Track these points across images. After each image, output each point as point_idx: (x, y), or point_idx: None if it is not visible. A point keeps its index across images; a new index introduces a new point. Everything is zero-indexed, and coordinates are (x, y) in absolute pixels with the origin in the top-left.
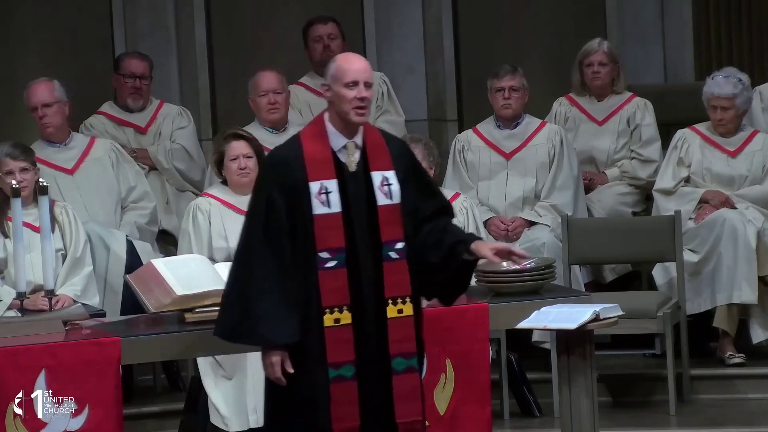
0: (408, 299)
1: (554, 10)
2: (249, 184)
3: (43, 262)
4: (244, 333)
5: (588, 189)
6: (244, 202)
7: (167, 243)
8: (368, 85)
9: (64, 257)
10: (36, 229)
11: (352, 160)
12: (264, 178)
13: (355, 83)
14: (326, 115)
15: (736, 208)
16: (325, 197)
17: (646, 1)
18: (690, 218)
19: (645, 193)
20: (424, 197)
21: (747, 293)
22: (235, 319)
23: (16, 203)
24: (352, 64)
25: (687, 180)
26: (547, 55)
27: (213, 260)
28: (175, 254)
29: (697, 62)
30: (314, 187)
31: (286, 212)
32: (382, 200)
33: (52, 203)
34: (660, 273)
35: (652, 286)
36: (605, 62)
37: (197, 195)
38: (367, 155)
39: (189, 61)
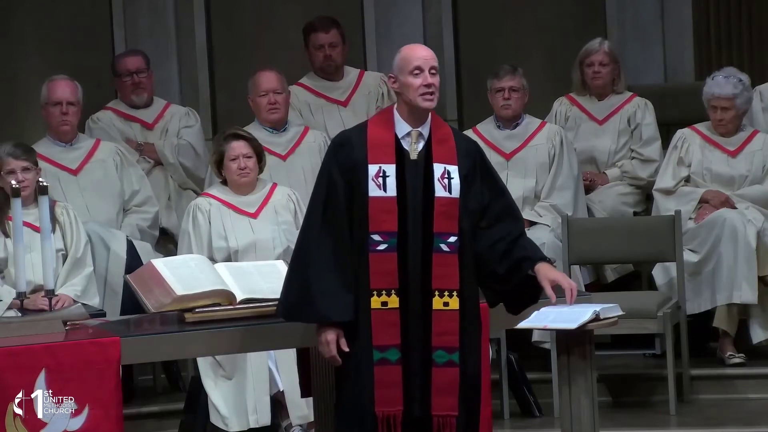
0: (455, 293)
1: (554, 10)
2: (249, 184)
3: (43, 262)
4: (301, 311)
5: (589, 189)
6: (243, 201)
7: (167, 243)
8: (434, 71)
9: (65, 257)
10: (36, 229)
11: (414, 148)
12: (327, 157)
13: (420, 69)
14: (395, 106)
15: (736, 208)
16: (382, 180)
17: (646, 1)
18: (690, 218)
19: (645, 193)
20: (493, 197)
21: (747, 293)
22: (294, 298)
23: (17, 203)
24: (415, 52)
25: (687, 180)
26: (547, 55)
27: (213, 260)
28: (175, 254)
29: (697, 62)
30: (372, 169)
31: (345, 192)
32: (440, 192)
33: (53, 203)
34: (660, 273)
35: (652, 286)
36: (606, 62)
37: (198, 194)
38: (431, 146)
39: (189, 61)
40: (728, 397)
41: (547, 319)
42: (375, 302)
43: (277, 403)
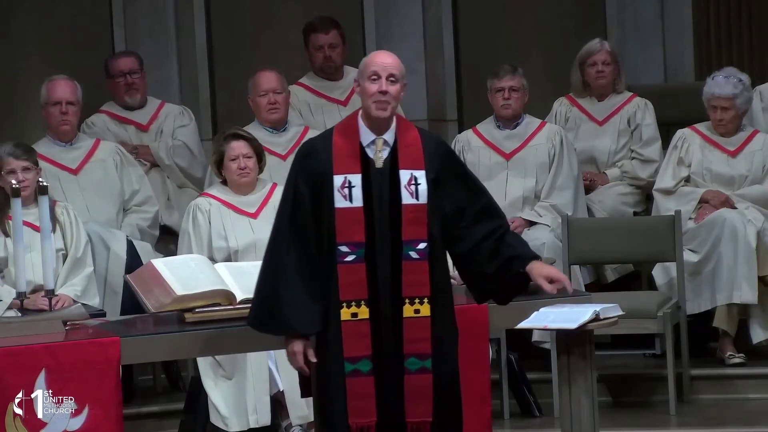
0: (426, 300)
1: (554, 10)
2: (249, 184)
3: (43, 262)
4: (269, 323)
5: (589, 189)
6: (243, 202)
7: (167, 242)
8: (393, 78)
9: (65, 257)
10: (37, 229)
11: (379, 156)
12: (294, 167)
13: (377, 76)
14: (360, 112)
15: (736, 208)
16: (348, 191)
17: (646, 1)
18: (690, 218)
19: (645, 193)
20: (471, 196)
21: (747, 293)
22: (262, 310)
23: (16, 203)
24: (377, 58)
25: (687, 180)
26: (547, 55)
27: (213, 260)
28: (175, 254)
29: (697, 62)
30: (338, 180)
31: (312, 202)
32: (407, 199)
33: (53, 203)
34: (660, 273)
35: (652, 286)
36: (608, 61)
37: (198, 192)
38: (397, 152)
39: (189, 61)
40: (728, 397)
41: (547, 319)
42: (345, 314)
43: (277, 403)
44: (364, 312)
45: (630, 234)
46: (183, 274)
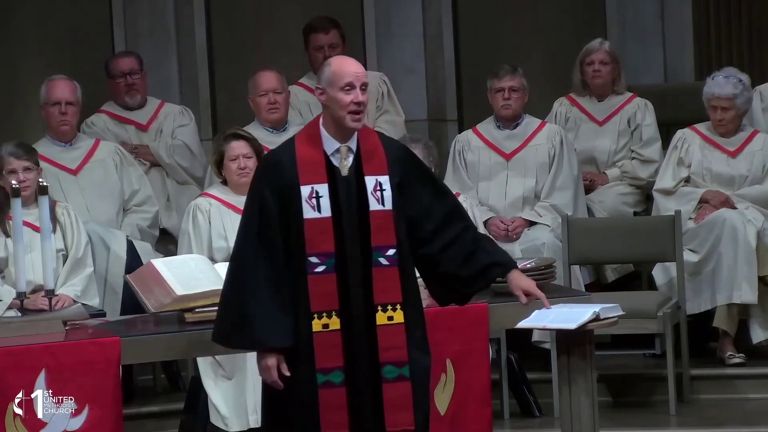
0: (399, 306)
1: (554, 10)
2: (249, 184)
3: (43, 262)
4: (238, 337)
5: (589, 190)
6: (243, 202)
7: (167, 242)
8: (364, 88)
9: (65, 258)
10: (37, 229)
11: (344, 164)
12: (257, 180)
13: (352, 87)
14: (321, 119)
15: (736, 208)
16: (316, 201)
17: (646, 1)
18: (690, 218)
19: (645, 193)
20: (434, 199)
21: (747, 293)
22: (230, 324)
23: (16, 203)
24: (348, 68)
25: (687, 180)
26: (547, 55)
27: (213, 260)
28: (175, 254)
29: (697, 62)
30: (305, 190)
31: (279, 214)
32: (374, 205)
33: (53, 203)
34: (660, 273)
35: (652, 286)
36: (606, 61)
37: (199, 190)
38: (361, 159)
39: (189, 61)
40: (728, 397)
41: (547, 319)
42: (316, 325)
43: None
44: (335, 323)
45: (630, 234)
46: (183, 274)
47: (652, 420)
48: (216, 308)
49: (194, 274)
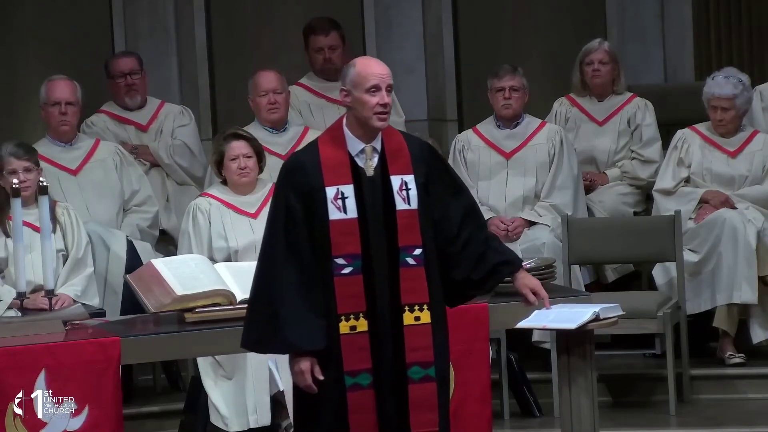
0: (426, 306)
1: (554, 10)
2: (249, 184)
3: (43, 262)
4: (271, 342)
5: (589, 190)
6: (244, 201)
7: (167, 243)
8: (389, 89)
9: (65, 258)
10: (37, 229)
11: (369, 164)
12: (281, 183)
13: (378, 88)
14: (344, 120)
15: (736, 208)
16: (341, 202)
17: (646, 1)
18: (690, 218)
19: (645, 193)
20: (455, 199)
21: (747, 293)
22: (261, 330)
23: (16, 203)
24: (373, 69)
25: (687, 180)
26: (547, 55)
27: (213, 260)
28: (175, 254)
29: (697, 62)
30: (330, 192)
31: (304, 217)
32: (400, 205)
33: (53, 204)
34: (660, 273)
35: (652, 286)
36: (606, 60)
37: (199, 191)
38: (386, 159)
39: (189, 61)
40: (728, 397)
41: (547, 319)
42: (344, 327)
43: (277, 403)
44: (362, 324)
45: (630, 234)
46: (183, 274)
47: (652, 420)
48: (216, 308)
49: (194, 274)
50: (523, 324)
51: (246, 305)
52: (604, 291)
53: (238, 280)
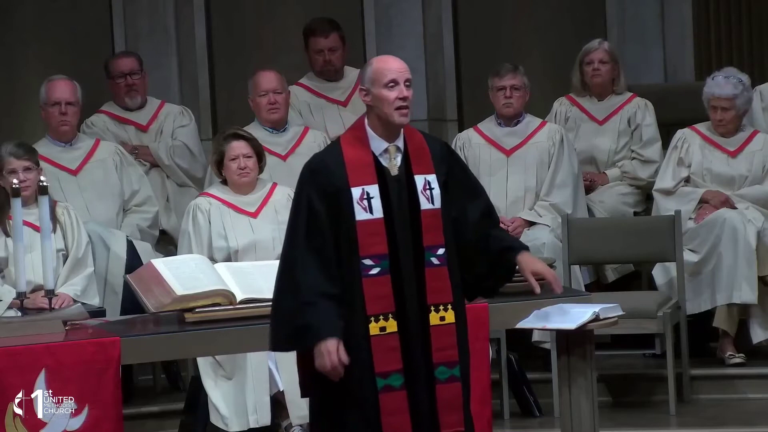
0: (450, 306)
1: (554, 10)
2: (249, 184)
3: (43, 262)
4: (295, 340)
5: (589, 190)
6: (244, 201)
7: (167, 243)
8: (408, 83)
9: (65, 257)
10: (37, 229)
11: (393, 164)
12: (304, 184)
13: (396, 83)
14: (366, 120)
15: (736, 208)
16: (367, 203)
17: (646, 1)
18: (690, 218)
19: (645, 193)
20: (473, 199)
21: (747, 293)
22: (286, 330)
23: (16, 203)
24: (390, 65)
25: (687, 180)
26: (547, 55)
27: (213, 260)
28: (175, 254)
29: (697, 62)
30: (356, 192)
31: (327, 219)
32: (425, 204)
33: (54, 203)
34: (660, 273)
35: (652, 286)
36: (606, 60)
37: (198, 192)
38: (409, 158)
39: (189, 61)
40: (728, 397)
41: (547, 319)
42: (373, 328)
43: (277, 403)
44: (392, 325)
45: (630, 234)
46: (183, 274)
47: (652, 420)
48: (216, 308)
49: (194, 274)
50: (523, 324)
51: (246, 305)
52: (604, 291)
53: (238, 280)
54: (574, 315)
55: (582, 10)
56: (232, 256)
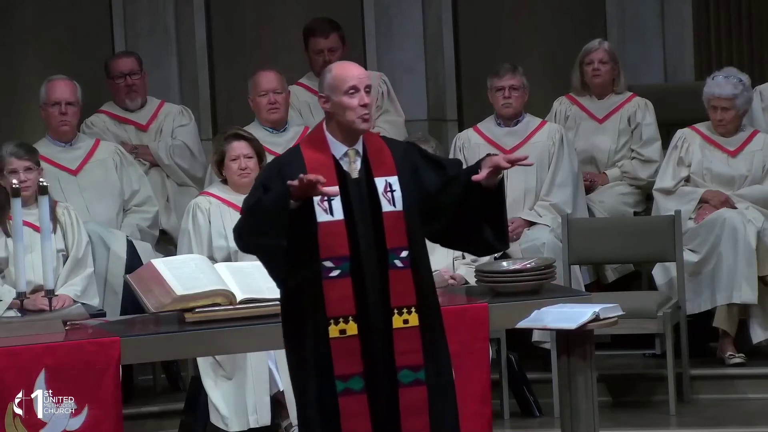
0: (413, 309)
1: (554, 10)
2: (249, 184)
3: (43, 262)
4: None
5: (589, 190)
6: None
7: (167, 243)
8: (368, 90)
9: (65, 258)
10: (37, 229)
11: (353, 167)
12: (267, 173)
13: (356, 89)
14: (324, 125)
15: (736, 208)
16: (328, 204)
17: (646, 1)
18: (690, 218)
19: (645, 193)
20: (443, 169)
21: (747, 293)
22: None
23: (16, 203)
24: (350, 72)
25: (687, 180)
26: (547, 55)
27: (213, 259)
28: (175, 254)
29: (697, 62)
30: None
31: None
32: (386, 207)
33: (54, 204)
34: (660, 273)
35: (652, 286)
36: (606, 60)
37: (198, 190)
38: (369, 162)
39: (189, 61)
40: (728, 397)
41: (547, 319)
42: (333, 331)
43: (277, 403)
44: (352, 328)
45: (630, 234)
46: (183, 274)
47: (652, 420)
48: (216, 308)
49: (194, 274)
50: (523, 324)
51: (246, 305)
52: (604, 291)
53: (238, 280)
54: (574, 315)
55: (582, 10)
56: (232, 255)
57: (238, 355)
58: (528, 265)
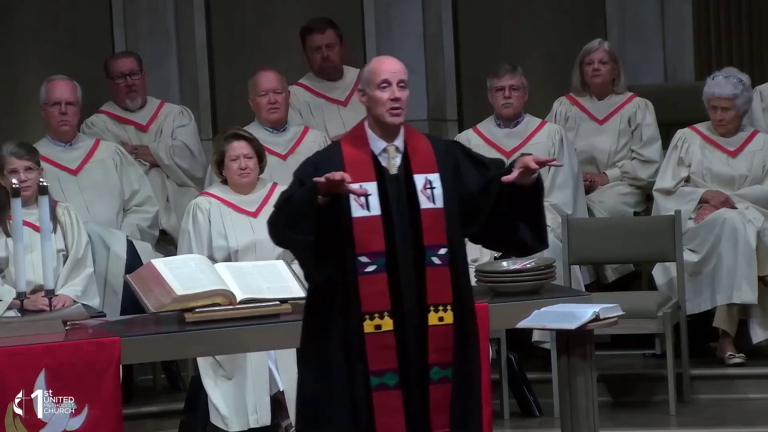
0: (449, 307)
1: (554, 10)
2: (250, 184)
3: (43, 262)
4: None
5: (589, 190)
6: (244, 200)
7: (167, 243)
8: (402, 84)
9: (65, 258)
10: (37, 229)
11: (392, 163)
12: (301, 170)
13: (388, 83)
14: (365, 122)
15: (736, 208)
16: (365, 199)
17: (646, 1)
18: (690, 218)
19: (645, 193)
20: (485, 168)
21: (747, 293)
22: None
23: (16, 203)
24: (383, 65)
25: (687, 180)
26: (547, 55)
27: (213, 259)
28: (175, 254)
29: (697, 62)
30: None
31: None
32: (424, 203)
33: (54, 204)
34: (660, 273)
35: (652, 286)
36: (606, 60)
37: (198, 190)
38: (408, 158)
39: (189, 61)
40: (728, 397)
41: (547, 319)
42: (368, 326)
43: (277, 403)
44: (387, 323)
45: (630, 234)
46: (183, 274)
47: (652, 420)
48: (216, 308)
49: (194, 274)
50: (523, 324)
51: (246, 305)
52: (604, 291)
53: (238, 280)
54: (574, 315)
55: (582, 10)
56: (232, 255)
57: (238, 355)
58: (528, 265)
